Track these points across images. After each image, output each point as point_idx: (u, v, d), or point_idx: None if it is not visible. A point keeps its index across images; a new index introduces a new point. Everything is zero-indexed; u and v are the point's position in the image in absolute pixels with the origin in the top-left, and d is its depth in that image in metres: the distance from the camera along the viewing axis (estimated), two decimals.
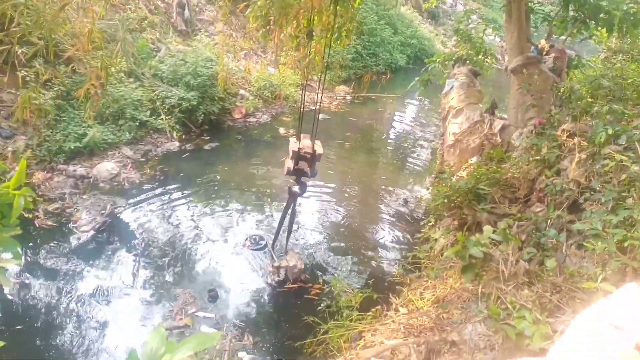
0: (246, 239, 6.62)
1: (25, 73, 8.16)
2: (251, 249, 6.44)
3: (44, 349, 4.69)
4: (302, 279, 5.82)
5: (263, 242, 6.57)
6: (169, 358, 1.06)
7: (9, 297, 5.29)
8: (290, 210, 5.93)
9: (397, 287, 5.69)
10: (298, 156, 5.19)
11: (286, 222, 6.12)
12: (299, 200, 6.06)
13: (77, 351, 4.74)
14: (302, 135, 5.29)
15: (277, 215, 7.19)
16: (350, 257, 6.50)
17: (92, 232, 6.47)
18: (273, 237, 6.40)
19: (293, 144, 5.24)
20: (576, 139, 4.52)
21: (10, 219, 1.44)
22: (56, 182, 7.52)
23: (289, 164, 5.31)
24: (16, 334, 4.79)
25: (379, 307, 5.28)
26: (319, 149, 5.24)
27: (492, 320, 3.06)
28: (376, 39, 16.52)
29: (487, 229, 3.42)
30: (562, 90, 5.84)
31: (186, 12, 12.65)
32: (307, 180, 5.64)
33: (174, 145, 9.36)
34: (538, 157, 4.94)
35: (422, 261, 5.78)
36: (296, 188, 5.61)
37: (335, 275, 6.04)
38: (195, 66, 10.10)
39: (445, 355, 3.72)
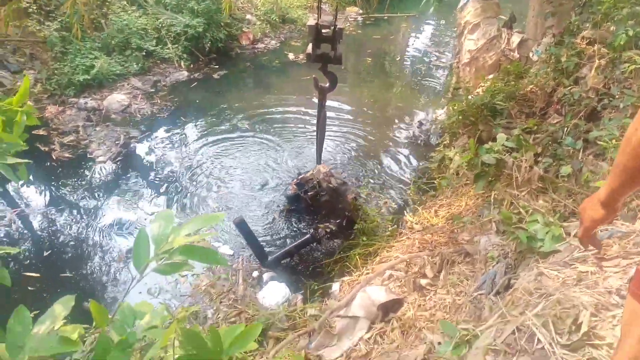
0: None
1: (27, 4, 8.00)
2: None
3: (73, 279, 4.89)
4: (333, 183, 5.37)
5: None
6: (176, 235, 1.08)
7: (36, 230, 5.48)
8: (321, 116, 5.19)
9: (412, 206, 5.77)
10: (317, 32, 4.34)
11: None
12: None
13: (105, 280, 4.93)
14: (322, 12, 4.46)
15: (290, 147, 7.21)
16: (364, 180, 6.52)
17: (109, 162, 6.58)
18: (316, 152, 5.76)
19: (311, 20, 4.45)
20: (596, 46, 4.31)
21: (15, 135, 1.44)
22: (68, 115, 7.57)
23: (309, 47, 4.55)
24: (45, 265, 4.99)
25: (395, 226, 5.42)
26: (339, 24, 4.40)
27: (503, 225, 3.09)
28: None
29: (500, 136, 3.37)
30: None
31: None
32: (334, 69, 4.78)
33: (183, 74, 9.26)
34: (556, 67, 4.76)
35: (437, 181, 5.79)
36: (324, 82, 4.82)
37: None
38: None
39: (459, 266, 3.81)
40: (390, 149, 7.31)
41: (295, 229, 5.60)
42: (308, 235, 5.14)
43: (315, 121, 5.65)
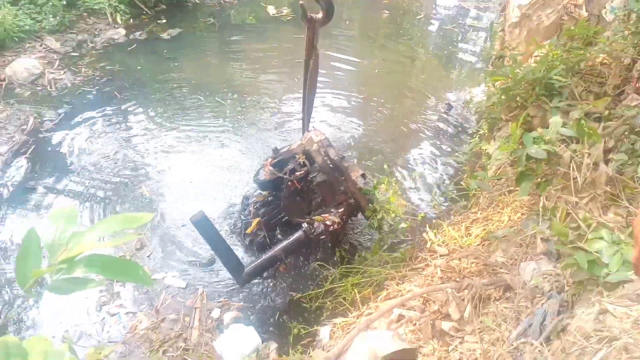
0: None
1: None
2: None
3: None
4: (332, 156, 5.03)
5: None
6: (78, 240, 1.09)
7: None
8: (312, 61, 4.95)
9: (434, 221, 5.80)
10: None
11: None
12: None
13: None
14: None
15: (267, 132, 7.24)
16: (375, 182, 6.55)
17: (10, 155, 6.56)
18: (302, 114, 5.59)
19: None
20: None
21: None
22: None
23: None
24: None
25: (408, 246, 5.44)
26: None
27: (556, 244, 3.10)
28: None
29: (554, 120, 3.39)
30: None
31: None
32: None
33: (119, 33, 9.29)
34: (637, 30, 4.82)
35: (464, 182, 5.84)
36: (315, 12, 4.64)
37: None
38: None
39: (496, 303, 3.84)
40: (407, 140, 7.35)
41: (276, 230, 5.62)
42: (300, 232, 5.01)
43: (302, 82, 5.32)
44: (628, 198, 3.53)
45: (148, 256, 5.39)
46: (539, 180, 3.46)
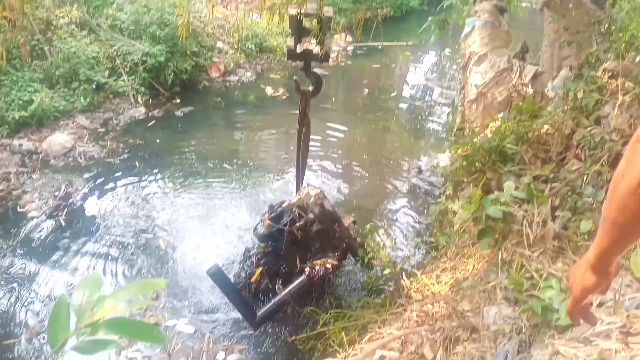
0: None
1: None
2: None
3: None
4: (328, 207, 4.96)
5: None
6: (102, 305, 1.09)
7: None
8: (304, 128, 5.04)
9: (409, 270, 5.78)
10: (299, 27, 4.31)
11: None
12: None
13: None
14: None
15: (266, 193, 7.29)
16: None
17: (44, 217, 6.53)
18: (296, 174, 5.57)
19: (292, 10, 4.35)
20: (619, 80, 4.51)
21: None
22: None
23: (290, 42, 4.48)
24: None
25: (388, 293, 5.41)
26: (327, 11, 4.32)
27: (513, 292, 3.10)
28: None
29: (508, 185, 3.45)
30: (605, 24, 5.81)
31: None
32: (320, 69, 4.82)
33: (139, 112, 9.39)
34: (574, 105, 4.94)
35: (435, 238, 5.85)
36: (307, 85, 4.72)
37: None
38: (162, 13, 10.03)
39: (464, 344, 3.79)
40: (385, 198, 7.40)
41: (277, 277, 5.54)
42: (303, 277, 4.91)
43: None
44: (573, 250, 3.55)
45: (162, 307, 5.32)
46: (497, 236, 3.49)
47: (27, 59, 8.67)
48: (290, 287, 4.91)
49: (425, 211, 7.00)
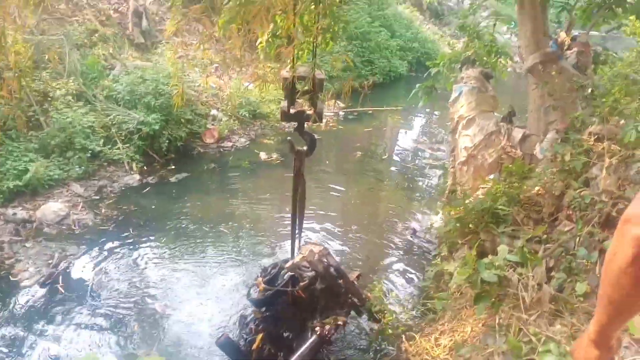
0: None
1: None
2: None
3: None
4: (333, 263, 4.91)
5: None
6: None
7: None
8: (299, 188, 4.96)
9: (407, 333, 5.71)
10: (292, 89, 4.34)
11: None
12: None
13: None
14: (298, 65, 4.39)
15: (261, 256, 7.28)
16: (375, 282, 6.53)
17: (37, 286, 6.46)
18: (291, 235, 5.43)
19: (285, 72, 4.36)
20: (605, 143, 4.64)
21: None
22: None
23: (284, 104, 4.50)
24: None
25: (387, 357, 5.34)
26: (319, 74, 4.36)
27: (512, 357, 3.08)
28: (370, 43, 16.92)
29: (502, 248, 3.49)
30: (588, 89, 6.02)
31: (144, 22, 12.95)
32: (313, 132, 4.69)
33: (134, 179, 9.46)
34: (562, 168, 5.05)
35: (432, 301, 5.82)
36: (301, 146, 4.71)
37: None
38: (156, 84, 10.28)
39: None
40: (381, 260, 7.40)
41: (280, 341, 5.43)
42: (314, 337, 4.67)
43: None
44: (570, 312, 3.56)
45: None
46: (493, 300, 3.49)
47: (23, 130, 8.79)
48: (301, 350, 4.68)
49: (422, 270, 7.00)
